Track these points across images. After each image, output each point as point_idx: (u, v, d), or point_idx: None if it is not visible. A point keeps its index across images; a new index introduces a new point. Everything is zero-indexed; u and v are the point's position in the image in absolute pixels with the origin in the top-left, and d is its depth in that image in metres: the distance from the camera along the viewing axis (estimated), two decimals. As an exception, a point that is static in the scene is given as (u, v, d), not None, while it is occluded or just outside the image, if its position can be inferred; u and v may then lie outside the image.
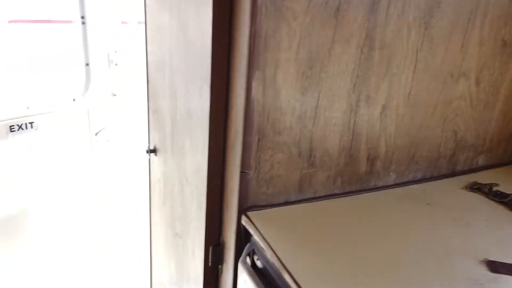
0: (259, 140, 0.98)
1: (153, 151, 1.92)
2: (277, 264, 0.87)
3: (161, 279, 2.10)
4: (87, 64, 2.27)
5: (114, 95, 2.39)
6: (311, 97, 1.00)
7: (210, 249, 1.21)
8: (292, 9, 0.89)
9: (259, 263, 0.98)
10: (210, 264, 1.23)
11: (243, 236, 1.05)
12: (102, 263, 2.66)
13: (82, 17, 2.18)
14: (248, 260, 1.01)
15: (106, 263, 2.68)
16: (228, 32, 0.98)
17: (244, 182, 1.01)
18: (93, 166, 2.42)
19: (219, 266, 1.24)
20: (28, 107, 2.09)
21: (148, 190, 2.14)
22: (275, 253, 0.88)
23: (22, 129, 2.06)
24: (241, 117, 0.95)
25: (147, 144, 2.07)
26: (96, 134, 2.38)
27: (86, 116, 2.32)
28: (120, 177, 2.60)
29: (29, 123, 2.08)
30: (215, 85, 1.03)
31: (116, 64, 2.34)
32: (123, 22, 2.34)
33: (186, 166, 1.37)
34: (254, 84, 0.92)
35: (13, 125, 2.02)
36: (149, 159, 2.10)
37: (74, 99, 2.27)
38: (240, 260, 1.01)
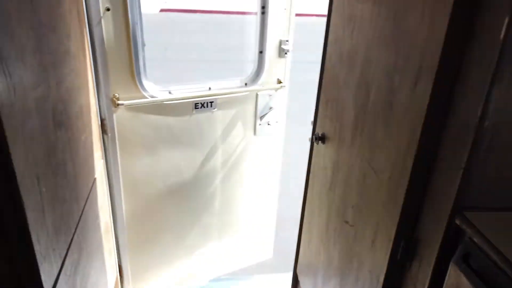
0: (491, 139, 0.93)
1: (320, 138, 1.98)
2: (509, 271, 0.82)
3: (312, 263, 2.17)
4: (260, 52, 2.43)
5: (280, 82, 2.52)
6: (560, 97, 0.90)
7: (402, 243, 1.20)
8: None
9: (474, 266, 0.94)
10: (399, 258, 1.22)
11: (452, 236, 1.02)
12: (241, 241, 2.87)
13: (263, 7, 2.33)
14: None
15: (246, 241, 2.89)
16: (467, 22, 0.94)
17: (465, 181, 0.97)
18: (255, 144, 2.61)
19: (407, 262, 1.22)
20: (209, 88, 2.34)
21: (305, 175, 2.23)
22: (508, 260, 0.83)
23: (204, 107, 2.32)
24: (477, 113, 0.91)
25: (312, 131, 2.14)
26: (260, 117, 2.55)
27: (253, 100, 2.51)
28: (276, 158, 2.75)
29: (210, 102, 2.33)
30: (441, 79, 1.01)
31: (285, 53, 2.45)
32: (296, 14, 2.43)
33: (375, 157, 1.37)
34: (499, 80, 0.87)
35: (197, 103, 2.29)
36: (312, 146, 2.17)
37: (246, 84, 2.46)
38: (453, 260, 0.98)
